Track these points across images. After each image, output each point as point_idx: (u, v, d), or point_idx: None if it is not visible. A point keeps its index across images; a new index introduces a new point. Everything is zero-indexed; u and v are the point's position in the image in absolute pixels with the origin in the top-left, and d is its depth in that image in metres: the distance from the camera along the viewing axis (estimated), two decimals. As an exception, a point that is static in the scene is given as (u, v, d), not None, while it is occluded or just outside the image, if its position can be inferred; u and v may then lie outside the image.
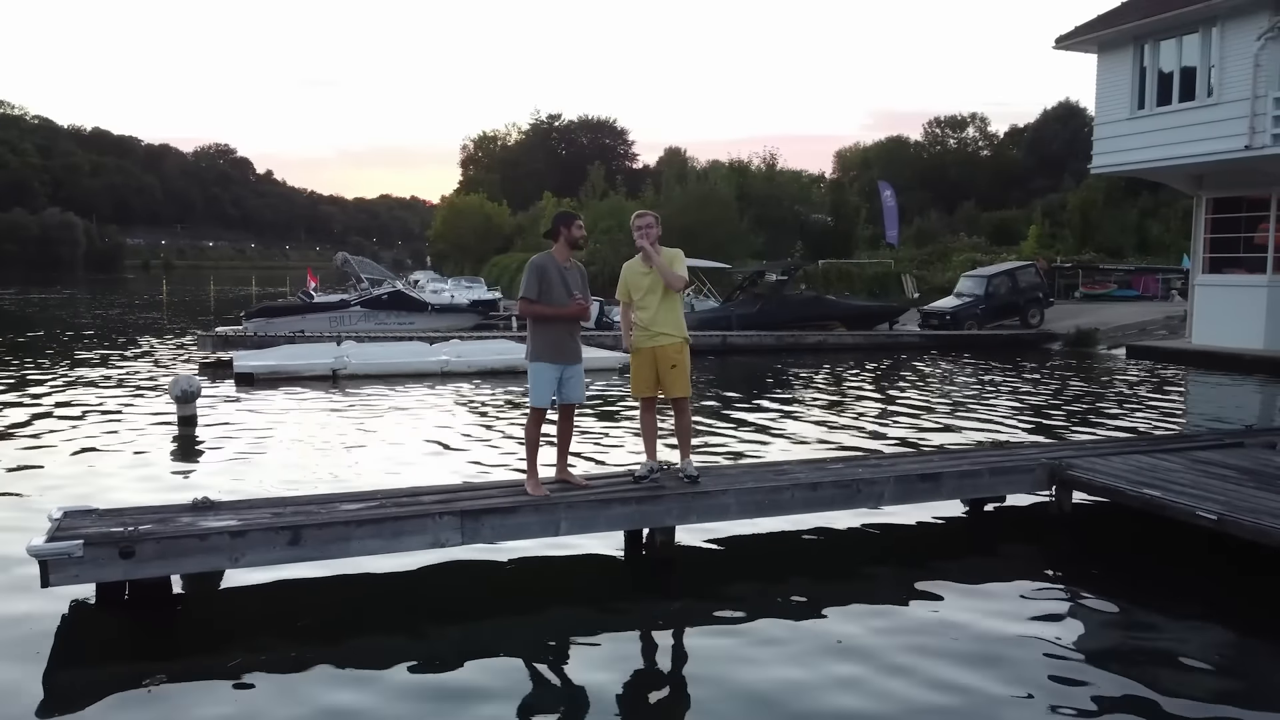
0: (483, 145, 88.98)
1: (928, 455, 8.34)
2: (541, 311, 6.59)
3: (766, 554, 6.86)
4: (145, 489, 8.34)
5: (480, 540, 6.19)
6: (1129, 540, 7.16)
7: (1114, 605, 6.01)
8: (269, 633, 5.38)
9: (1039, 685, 4.76)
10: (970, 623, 5.52)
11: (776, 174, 48.02)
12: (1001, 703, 4.59)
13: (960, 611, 5.69)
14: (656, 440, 7.08)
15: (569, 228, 6.71)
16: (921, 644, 5.19)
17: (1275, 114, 17.56)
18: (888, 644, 5.20)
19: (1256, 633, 5.59)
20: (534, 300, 6.58)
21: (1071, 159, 53.31)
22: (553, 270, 6.61)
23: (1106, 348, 22.47)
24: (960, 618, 5.59)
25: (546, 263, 6.64)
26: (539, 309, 6.58)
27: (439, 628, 5.51)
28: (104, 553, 5.34)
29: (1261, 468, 7.63)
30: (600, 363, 17.38)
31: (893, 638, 5.29)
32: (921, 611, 5.70)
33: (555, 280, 6.58)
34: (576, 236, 6.72)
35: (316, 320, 24.72)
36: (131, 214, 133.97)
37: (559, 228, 6.76)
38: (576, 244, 6.74)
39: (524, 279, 6.66)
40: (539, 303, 6.58)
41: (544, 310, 6.58)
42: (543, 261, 6.65)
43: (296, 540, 5.75)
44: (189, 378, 12.03)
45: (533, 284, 6.59)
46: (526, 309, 6.65)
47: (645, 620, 5.65)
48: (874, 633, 5.37)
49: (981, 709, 4.53)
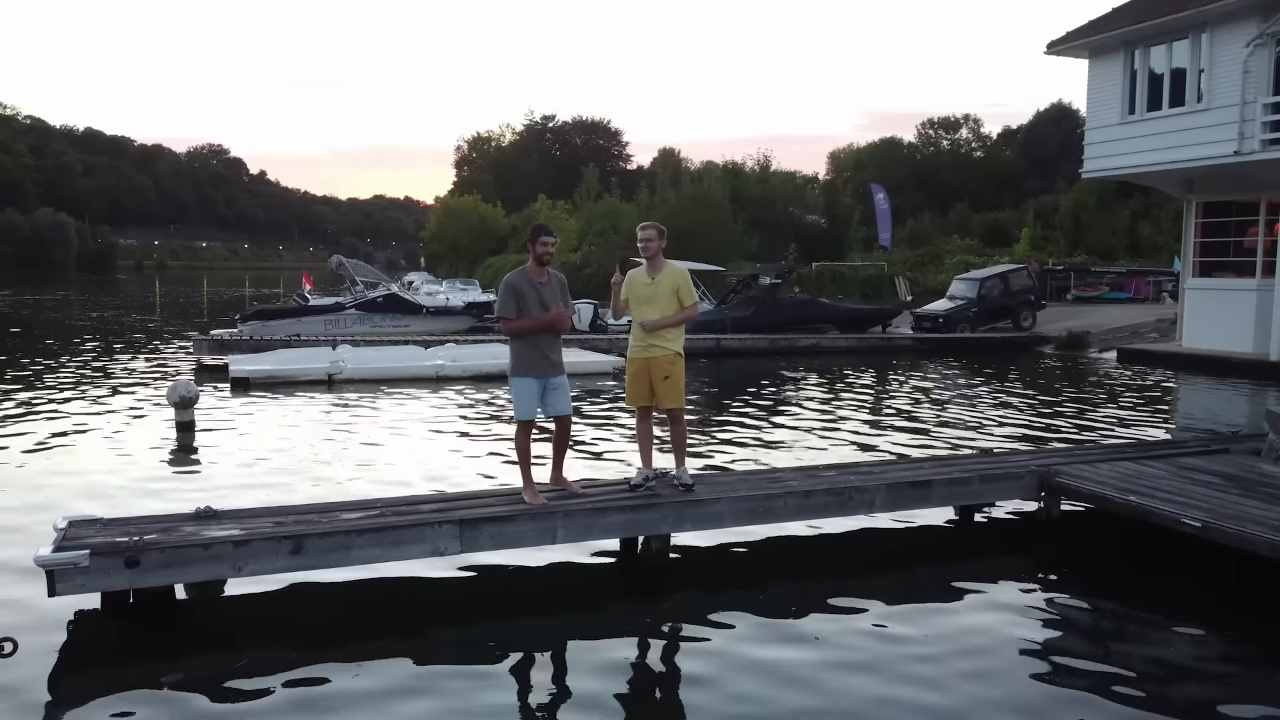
0: (477, 146, 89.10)
1: (918, 463, 8.46)
2: (523, 326, 6.69)
3: (761, 560, 6.98)
4: (146, 496, 8.42)
5: (479, 548, 6.29)
6: (1117, 546, 7.29)
7: (1102, 612, 6.14)
8: (271, 637, 5.51)
9: (1026, 690, 4.88)
10: (959, 628, 5.65)
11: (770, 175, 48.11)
12: (990, 706, 4.70)
13: (949, 617, 5.82)
14: (652, 449, 7.19)
15: (534, 244, 6.81)
16: (911, 650, 5.31)
17: (1264, 120, 17.73)
18: (879, 649, 5.32)
19: (1244, 639, 5.71)
20: (513, 318, 6.69)
21: (1064, 160, 53.50)
22: (525, 286, 6.72)
23: (1098, 351, 22.63)
24: (949, 623, 5.72)
25: (518, 280, 6.76)
26: (520, 324, 6.69)
27: (438, 632, 5.63)
28: (110, 562, 5.43)
29: (1246, 474, 7.76)
30: (593, 366, 17.51)
31: (884, 644, 5.41)
32: (911, 617, 5.82)
33: (530, 297, 6.70)
34: (540, 253, 6.78)
35: (311, 323, 24.80)
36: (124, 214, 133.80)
37: (527, 243, 6.89)
38: (540, 260, 6.79)
39: (499, 299, 6.78)
40: (518, 319, 6.69)
41: (525, 324, 6.68)
42: (515, 280, 6.78)
43: (298, 549, 5.84)
44: (186, 383, 12.09)
45: (510, 303, 6.70)
46: (508, 327, 6.75)
47: (641, 626, 5.76)
48: (865, 637, 5.49)
49: (971, 713, 4.65)
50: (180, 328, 29.49)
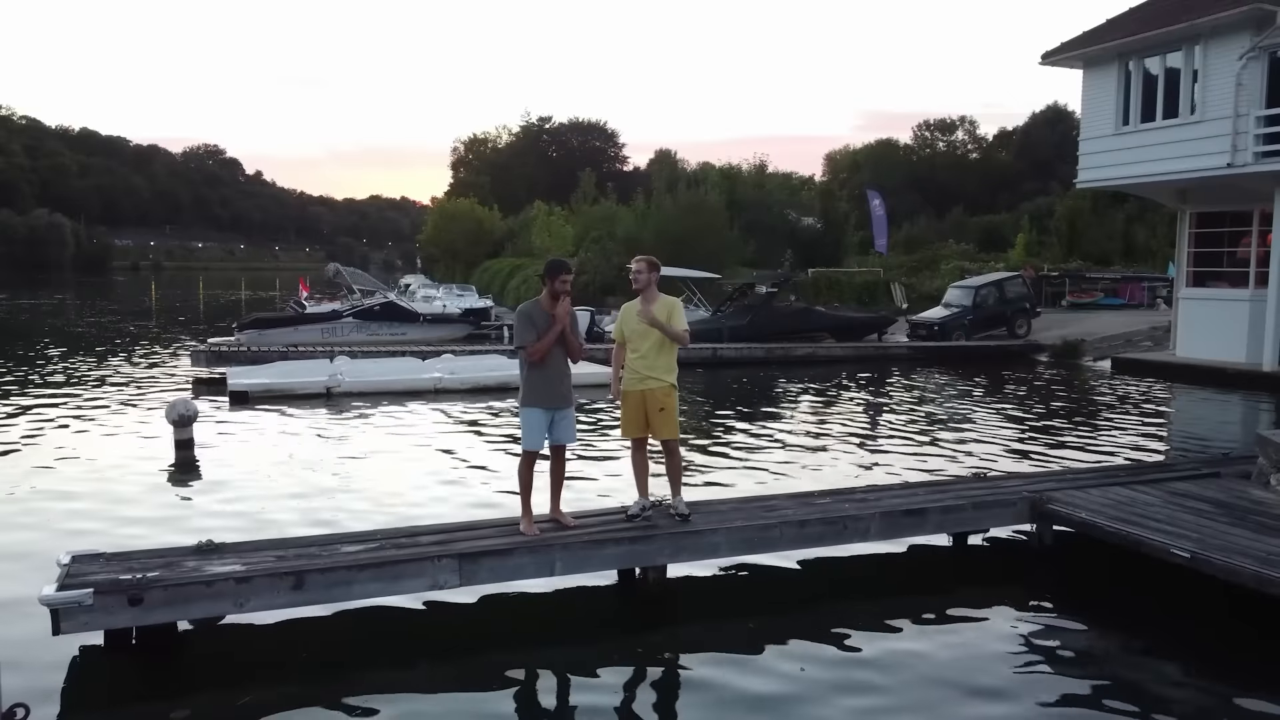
0: (473, 147, 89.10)
1: (913, 488, 8.53)
2: (544, 345, 6.74)
3: (758, 586, 7.08)
4: (147, 520, 8.48)
5: (477, 581, 6.38)
6: (1109, 572, 7.37)
7: (1092, 638, 6.25)
8: (272, 669, 5.61)
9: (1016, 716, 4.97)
10: (952, 654, 5.75)
11: (767, 178, 48.14)
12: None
13: (943, 643, 5.92)
14: (648, 479, 7.27)
15: (552, 280, 6.88)
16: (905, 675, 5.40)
17: (1257, 132, 17.85)
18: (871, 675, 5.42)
19: (1232, 669, 5.77)
20: (534, 342, 6.77)
21: (1059, 162, 53.62)
22: (538, 315, 6.84)
23: (1092, 359, 22.75)
24: (942, 648, 5.82)
25: (532, 309, 6.89)
26: (541, 345, 6.75)
27: (437, 661, 5.72)
28: (113, 601, 5.50)
29: (1235, 501, 7.85)
30: (590, 379, 17.52)
31: (878, 669, 5.52)
32: (905, 643, 5.92)
33: (543, 326, 6.81)
34: (557, 290, 6.87)
35: (308, 332, 24.81)
36: (120, 215, 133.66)
37: (544, 276, 6.96)
38: (555, 295, 6.88)
39: (516, 329, 6.90)
40: (539, 342, 6.76)
41: (545, 341, 6.74)
42: (528, 308, 6.92)
43: (300, 584, 5.91)
44: (185, 401, 12.11)
45: (528, 330, 6.80)
46: (533, 351, 6.78)
47: (637, 656, 5.84)
48: (858, 664, 5.60)
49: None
50: (177, 334, 29.52)
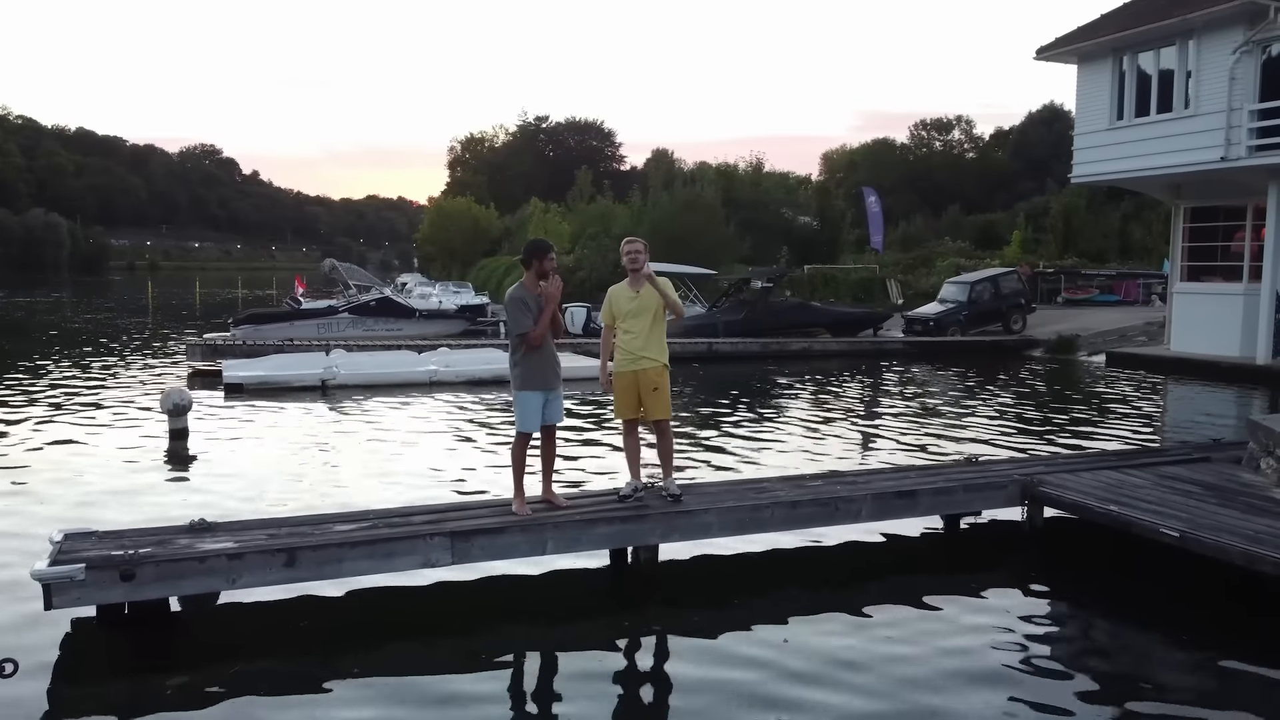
0: (470, 147, 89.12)
1: (904, 471, 8.56)
2: (543, 327, 6.79)
3: (749, 568, 7.09)
4: (141, 505, 8.50)
5: (470, 560, 6.40)
6: (1099, 554, 7.40)
7: (1082, 620, 6.29)
8: (265, 647, 5.62)
9: (1005, 694, 4.99)
10: (943, 636, 5.76)
11: (764, 177, 48.23)
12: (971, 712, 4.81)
13: (933, 625, 5.93)
14: (640, 460, 7.29)
15: (541, 260, 6.91)
16: (896, 655, 5.43)
17: (1250, 126, 17.89)
18: (862, 655, 5.44)
19: (1225, 648, 5.78)
20: (533, 327, 6.79)
21: (1055, 162, 53.66)
22: (529, 298, 6.86)
23: (1087, 354, 22.80)
24: (933, 631, 5.83)
25: (521, 293, 6.89)
26: (539, 329, 6.79)
27: (429, 640, 5.73)
28: (105, 576, 5.52)
29: (1225, 484, 7.89)
30: (587, 372, 17.54)
31: (868, 651, 5.52)
32: (896, 625, 5.93)
33: (534, 309, 6.83)
34: (547, 269, 6.91)
35: (304, 327, 24.82)
36: (116, 215, 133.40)
37: (531, 259, 6.96)
38: (542, 275, 6.91)
39: (511, 317, 6.88)
40: (537, 326, 6.79)
41: (542, 325, 6.78)
42: (518, 293, 6.90)
43: (292, 562, 5.94)
44: (180, 390, 12.17)
45: (524, 316, 6.81)
46: (533, 335, 6.79)
47: (629, 635, 5.85)
48: (848, 645, 5.60)
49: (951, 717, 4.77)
50: (174, 330, 29.51)
